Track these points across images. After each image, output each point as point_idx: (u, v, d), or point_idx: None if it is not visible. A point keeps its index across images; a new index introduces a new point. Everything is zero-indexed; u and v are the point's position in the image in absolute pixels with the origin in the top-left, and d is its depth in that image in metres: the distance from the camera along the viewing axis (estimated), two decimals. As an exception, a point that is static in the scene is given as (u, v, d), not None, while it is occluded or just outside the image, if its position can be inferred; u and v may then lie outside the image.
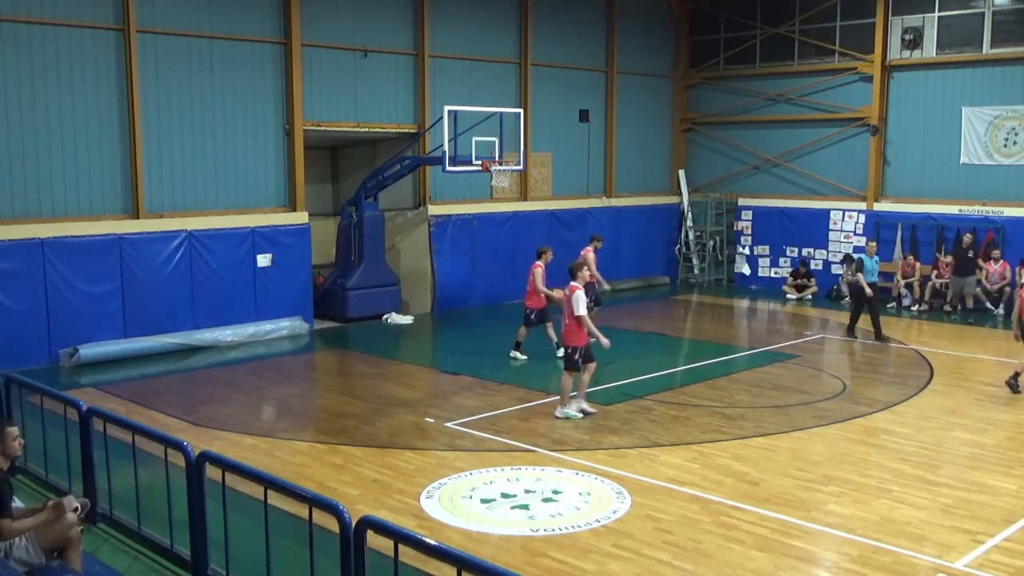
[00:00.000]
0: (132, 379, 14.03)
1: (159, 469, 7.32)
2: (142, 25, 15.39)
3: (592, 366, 11.96)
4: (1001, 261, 19.26)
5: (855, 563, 7.53)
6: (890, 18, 21.27)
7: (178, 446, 6.90)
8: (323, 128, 18.00)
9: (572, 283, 11.89)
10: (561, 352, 14.76)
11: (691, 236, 24.79)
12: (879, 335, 16.61)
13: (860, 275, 16.62)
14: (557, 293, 14.48)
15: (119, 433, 7.93)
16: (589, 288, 12.02)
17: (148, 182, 15.71)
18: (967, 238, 18.85)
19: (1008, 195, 19.94)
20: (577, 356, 11.75)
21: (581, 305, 11.62)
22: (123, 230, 15.33)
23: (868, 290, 16.38)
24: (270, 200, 17.36)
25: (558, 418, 11.66)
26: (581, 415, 11.73)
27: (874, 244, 17.41)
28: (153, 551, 7.45)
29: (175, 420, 11.61)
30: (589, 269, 12.86)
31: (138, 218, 15.59)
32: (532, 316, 15.10)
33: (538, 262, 15.14)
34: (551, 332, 15.07)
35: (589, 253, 15.92)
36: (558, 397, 11.97)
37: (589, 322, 11.75)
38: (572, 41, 22.26)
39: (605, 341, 11.86)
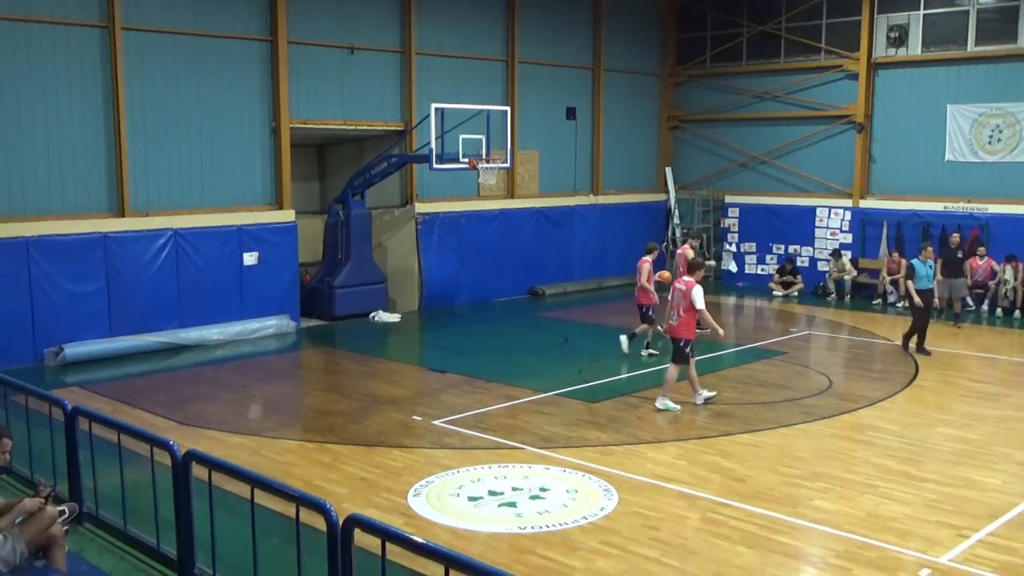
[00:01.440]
0: (118, 378, 13.97)
1: (145, 468, 7.29)
2: (127, 22, 15.32)
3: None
4: (987, 258, 19.32)
5: (841, 558, 7.57)
6: (875, 16, 21.36)
7: (164, 445, 6.87)
8: (310, 126, 17.96)
9: (687, 278, 12.06)
10: (646, 353, 14.94)
11: (678, 233, 24.82)
12: (921, 346, 15.41)
13: (910, 282, 15.26)
14: (663, 276, 14.54)
15: (105, 432, 7.89)
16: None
17: (133, 180, 15.65)
18: (955, 238, 18.63)
19: (992, 192, 20.06)
20: (688, 349, 11.99)
21: (700, 300, 11.77)
22: (108, 228, 15.26)
23: (916, 299, 15.16)
24: (256, 198, 17.31)
25: (659, 409, 11.83)
26: (679, 407, 11.88)
27: (931, 248, 15.64)
28: (139, 551, 7.43)
29: (161, 419, 11.57)
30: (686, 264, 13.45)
31: (123, 216, 15.52)
32: (649, 312, 15.05)
33: (646, 257, 15.20)
34: (656, 327, 15.14)
35: (688, 251, 16.19)
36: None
37: (707, 317, 11.87)
38: (559, 39, 22.27)
39: (721, 332, 12.06)
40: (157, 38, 15.74)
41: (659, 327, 14.56)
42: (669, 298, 12.31)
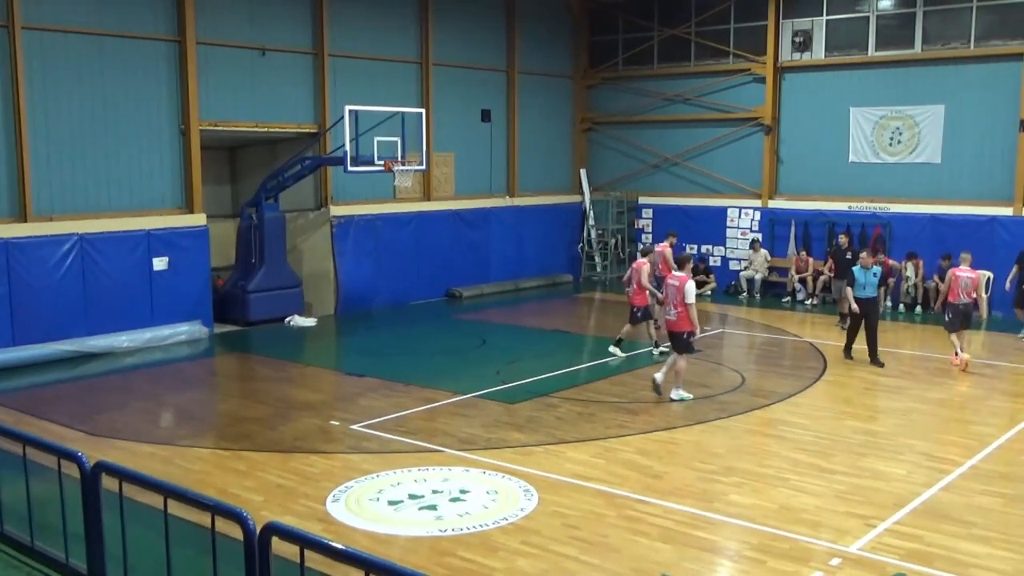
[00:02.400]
0: (22, 388, 13.49)
1: (53, 481, 7.06)
2: (28, 22, 14.82)
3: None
4: (885, 258, 19.84)
5: (755, 551, 7.74)
6: (781, 21, 21.92)
7: (72, 457, 6.66)
8: (220, 128, 17.62)
9: (680, 274, 12.73)
10: (657, 351, 15.17)
11: (593, 234, 25.09)
12: (873, 357, 14.69)
13: (849, 290, 14.77)
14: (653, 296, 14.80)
15: (9, 445, 7.63)
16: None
17: (36, 184, 15.14)
18: (843, 239, 18.75)
19: (894, 192, 20.75)
20: (691, 340, 12.61)
21: (691, 294, 12.35)
22: (10, 234, 14.74)
23: (854, 305, 14.63)
24: (166, 202, 16.92)
25: (673, 400, 12.37)
26: (692, 397, 12.49)
27: (866, 255, 15.06)
28: (48, 566, 7.19)
29: (69, 430, 11.22)
30: (666, 262, 14.52)
31: (26, 221, 15.01)
32: (638, 314, 15.09)
33: (643, 260, 15.25)
34: (652, 330, 15.45)
35: (667, 249, 16.48)
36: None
37: (694, 311, 12.42)
38: (473, 41, 22.29)
39: (698, 331, 12.84)
40: (60, 38, 15.26)
41: (655, 327, 15.22)
42: (663, 295, 13.02)
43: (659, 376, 12.66)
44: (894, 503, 8.77)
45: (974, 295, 14.47)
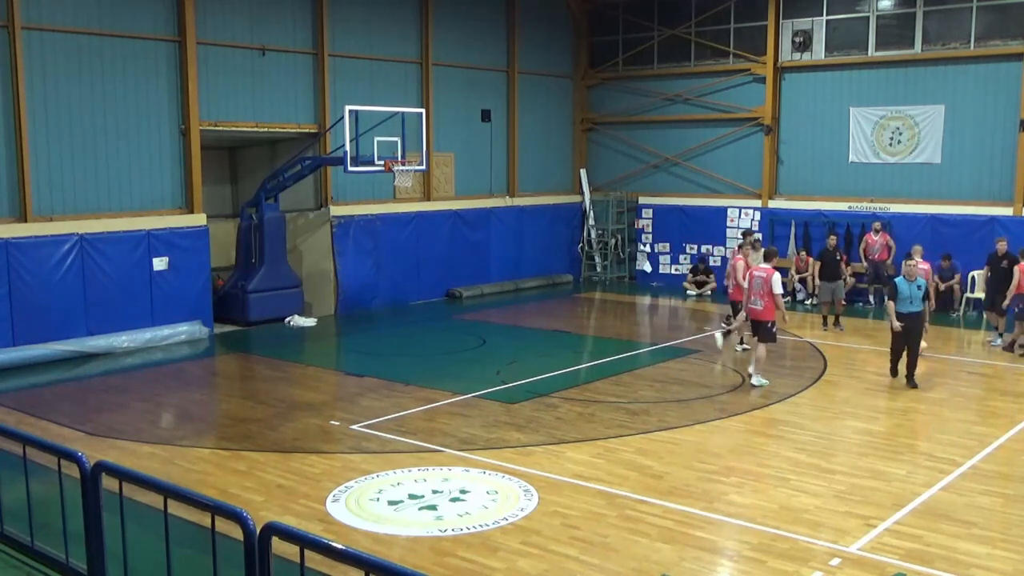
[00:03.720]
0: (22, 388, 13.50)
1: (53, 481, 7.06)
2: (27, 22, 14.83)
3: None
4: (882, 232, 19.85)
5: (755, 551, 7.74)
6: (781, 21, 21.92)
7: (72, 457, 6.66)
8: (221, 128, 17.62)
9: (765, 265, 13.38)
10: (740, 347, 15.62)
11: (593, 234, 25.10)
12: (910, 376, 13.45)
13: (891, 304, 13.42)
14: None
15: (9, 445, 7.63)
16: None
17: (36, 184, 15.15)
18: (831, 241, 18.56)
19: (894, 192, 20.76)
20: (775, 329, 13.29)
21: (778, 285, 13.04)
22: (10, 234, 14.74)
23: (896, 323, 13.24)
24: (166, 202, 16.92)
25: (754, 386, 13.13)
26: (768, 382, 13.25)
27: (914, 263, 13.65)
28: (47, 566, 7.19)
29: (69, 430, 11.23)
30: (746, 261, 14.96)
31: (26, 221, 15.01)
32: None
33: (740, 255, 15.36)
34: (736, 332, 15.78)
35: (749, 249, 16.59)
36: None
37: (781, 301, 13.13)
38: (473, 41, 22.29)
39: (786, 319, 13.73)
40: (60, 38, 15.27)
41: (722, 325, 15.94)
42: (747, 287, 13.54)
43: (753, 374, 13.30)
44: (894, 503, 8.77)
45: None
